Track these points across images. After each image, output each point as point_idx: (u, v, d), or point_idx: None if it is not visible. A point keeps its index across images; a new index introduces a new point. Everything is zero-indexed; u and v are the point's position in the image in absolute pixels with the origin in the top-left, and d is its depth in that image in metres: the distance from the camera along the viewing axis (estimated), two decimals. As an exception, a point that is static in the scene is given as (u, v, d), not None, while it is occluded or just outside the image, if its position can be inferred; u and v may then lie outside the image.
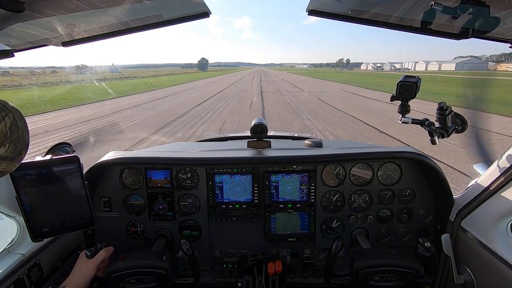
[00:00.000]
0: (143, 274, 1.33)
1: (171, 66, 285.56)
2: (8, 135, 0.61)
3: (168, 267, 1.34)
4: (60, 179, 1.25)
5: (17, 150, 0.64)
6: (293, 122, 11.91)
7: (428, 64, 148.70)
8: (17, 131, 0.63)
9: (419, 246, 1.37)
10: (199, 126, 11.02)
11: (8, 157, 0.61)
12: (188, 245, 1.41)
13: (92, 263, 1.33)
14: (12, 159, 0.63)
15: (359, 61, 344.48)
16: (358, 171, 1.71)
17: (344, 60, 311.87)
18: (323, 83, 42.79)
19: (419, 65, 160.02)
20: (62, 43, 1.23)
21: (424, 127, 1.32)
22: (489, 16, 0.81)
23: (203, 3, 1.08)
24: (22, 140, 0.65)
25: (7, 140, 0.61)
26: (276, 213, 1.72)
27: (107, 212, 1.73)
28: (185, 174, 1.72)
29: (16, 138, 0.63)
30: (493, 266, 1.27)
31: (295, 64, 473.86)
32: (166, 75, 78.84)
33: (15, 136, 0.62)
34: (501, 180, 1.27)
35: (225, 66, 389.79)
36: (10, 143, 0.62)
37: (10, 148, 0.62)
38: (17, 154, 0.64)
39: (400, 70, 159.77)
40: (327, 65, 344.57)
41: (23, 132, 0.65)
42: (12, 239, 1.35)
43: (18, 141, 0.64)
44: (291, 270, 1.80)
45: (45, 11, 0.86)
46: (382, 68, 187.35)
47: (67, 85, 35.72)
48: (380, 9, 1.07)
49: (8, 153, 0.61)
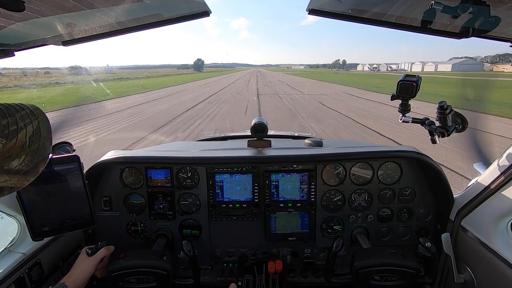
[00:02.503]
0: (143, 274, 1.32)
1: (167, 67, 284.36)
2: (26, 146, 0.54)
3: (168, 268, 1.33)
4: (60, 178, 1.25)
5: (33, 163, 0.57)
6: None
7: (425, 65, 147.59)
8: (38, 140, 0.57)
9: (420, 246, 1.37)
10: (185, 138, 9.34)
11: (21, 170, 0.54)
12: (189, 246, 1.40)
13: (91, 261, 1.33)
14: (26, 173, 0.56)
15: (355, 62, 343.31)
16: (358, 170, 1.71)
17: (340, 61, 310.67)
18: (322, 84, 41.12)
19: (416, 66, 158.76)
20: (62, 42, 1.23)
21: (425, 126, 1.32)
22: (489, 15, 0.80)
23: (203, 2, 1.08)
24: (42, 151, 0.59)
25: (23, 152, 0.54)
26: (276, 212, 1.73)
27: (108, 211, 1.73)
28: (186, 173, 1.72)
29: (36, 148, 0.57)
30: (493, 265, 1.27)
31: (291, 65, 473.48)
32: (161, 76, 77.30)
33: (34, 146, 0.56)
34: (502, 179, 1.27)
35: (222, 67, 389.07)
36: (27, 154, 0.55)
37: (26, 161, 0.55)
38: (33, 167, 0.58)
39: (397, 70, 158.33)
40: (323, 66, 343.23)
41: (45, 141, 0.59)
42: (13, 238, 1.35)
43: (37, 152, 0.57)
44: (291, 269, 1.80)
45: (45, 10, 0.86)
46: (378, 69, 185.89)
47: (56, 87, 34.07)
48: (381, 9, 1.07)
49: (23, 166, 0.54)
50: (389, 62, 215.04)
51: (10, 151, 0.51)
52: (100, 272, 1.39)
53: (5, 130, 0.50)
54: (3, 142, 0.49)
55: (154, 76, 77.70)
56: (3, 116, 0.51)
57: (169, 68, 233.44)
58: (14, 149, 0.52)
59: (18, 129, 0.52)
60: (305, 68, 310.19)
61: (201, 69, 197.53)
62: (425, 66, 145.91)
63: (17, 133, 0.52)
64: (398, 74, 1.33)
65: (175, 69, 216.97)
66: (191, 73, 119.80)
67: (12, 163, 0.52)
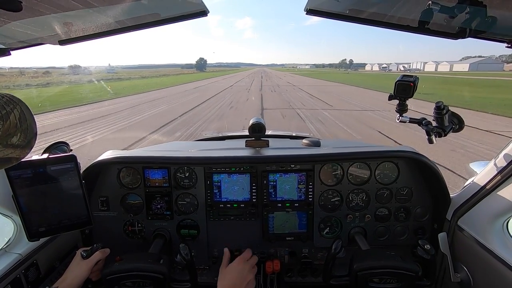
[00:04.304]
0: (139, 277, 1.30)
1: (172, 67, 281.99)
2: (19, 126, 0.67)
3: (165, 271, 1.31)
4: (57, 178, 1.24)
5: (27, 139, 0.70)
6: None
7: (439, 64, 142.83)
8: (25, 121, 0.69)
9: (419, 248, 1.38)
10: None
11: (20, 145, 0.68)
12: (187, 250, 1.38)
13: (86, 264, 1.32)
14: (24, 146, 0.70)
15: (363, 61, 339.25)
16: (356, 170, 1.71)
17: (347, 60, 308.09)
18: (342, 89, 30.79)
19: (429, 65, 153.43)
20: (59, 42, 1.22)
21: (422, 126, 1.32)
22: (486, 16, 0.81)
23: (200, 1, 1.07)
24: (31, 130, 0.71)
25: (18, 130, 0.67)
26: (274, 212, 1.73)
27: (105, 211, 1.73)
28: (183, 173, 1.72)
29: (26, 128, 0.69)
30: (490, 264, 1.28)
31: (296, 65, 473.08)
32: (157, 76, 74.12)
33: (24, 126, 0.68)
34: (498, 178, 1.28)
35: (226, 67, 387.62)
36: (21, 132, 0.68)
37: (22, 137, 0.68)
38: (28, 142, 0.70)
39: (411, 70, 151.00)
40: (329, 65, 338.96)
41: (31, 122, 0.71)
42: (9, 238, 1.34)
43: (28, 130, 0.70)
44: (289, 269, 1.80)
45: (42, 9, 0.86)
46: (389, 69, 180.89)
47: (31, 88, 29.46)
48: (378, 9, 1.07)
49: (20, 141, 0.68)
50: (398, 61, 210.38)
51: (8, 130, 0.64)
52: (95, 275, 1.37)
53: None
54: (1, 123, 0.63)
55: (149, 76, 74.64)
56: None
57: (173, 68, 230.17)
58: (10, 129, 0.64)
59: (8, 113, 0.64)
60: (310, 68, 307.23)
61: (203, 69, 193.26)
62: (439, 66, 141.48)
63: (8, 117, 0.64)
64: (412, 74, 1.31)
65: (179, 68, 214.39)
66: (192, 73, 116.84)
67: (12, 139, 0.66)
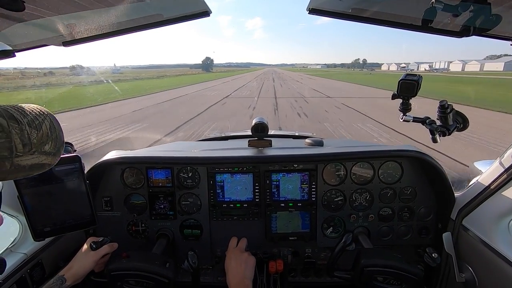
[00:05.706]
0: (144, 278, 1.31)
1: (181, 67, 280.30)
2: (49, 135, 0.72)
3: (171, 276, 1.33)
4: (61, 178, 1.25)
5: (57, 147, 0.76)
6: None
7: (466, 64, 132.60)
8: (55, 131, 0.75)
9: (426, 255, 1.40)
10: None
11: (52, 152, 0.74)
12: (195, 259, 1.40)
13: (93, 256, 1.35)
14: (55, 154, 0.75)
15: (377, 61, 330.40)
16: (359, 169, 1.71)
17: (360, 60, 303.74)
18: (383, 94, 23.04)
19: (454, 65, 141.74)
20: (62, 43, 1.23)
21: (425, 126, 1.31)
22: (490, 13, 0.80)
23: (203, 2, 1.08)
24: (60, 139, 0.77)
25: (49, 139, 0.72)
26: (277, 212, 1.72)
27: (109, 211, 1.74)
28: (186, 173, 1.72)
29: (55, 137, 0.75)
30: (495, 264, 1.27)
31: (307, 65, 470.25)
32: (155, 78, 70.50)
33: (54, 135, 0.74)
34: (503, 178, 1.27)
35: (236, 67, 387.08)
36: (52, 141, 0.73)
37: (52, 145, 0.73)
38: (57, 150, 0.76)
39: (437, 70, 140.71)
40: (341, 65, 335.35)
41: (59, 132, 0.77)
42: (15, 238, 1.35)
43: (57, 139, 0.76)
44: (292, 269, 1.80)
45: (45, 10, 0.86)
46: (410, 69, 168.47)
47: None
48: (381, 7, 1.06)
49: (52, 149, 0.73)
50: (419, 60, 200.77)
51: (42, 139, 0.70)
52: (99, 267, 1.40)
53: (33, 123, 0.68)
54: (36, 132, 0.68)
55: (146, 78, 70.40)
56: (25, 115, 0.68)
57: (182, 68, 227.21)
58: (43, 137, 0.70)
59: (40, 123, 0.70)
60: (322, 68, 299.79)
61: (209, 69, 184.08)
62: (466, 66, 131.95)
63: (41, 126, 0.70)
64: (439, 75, 1.22)
65: (187, 68, 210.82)
66: (197, 74, 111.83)
67: (45, 147, 0.71)
